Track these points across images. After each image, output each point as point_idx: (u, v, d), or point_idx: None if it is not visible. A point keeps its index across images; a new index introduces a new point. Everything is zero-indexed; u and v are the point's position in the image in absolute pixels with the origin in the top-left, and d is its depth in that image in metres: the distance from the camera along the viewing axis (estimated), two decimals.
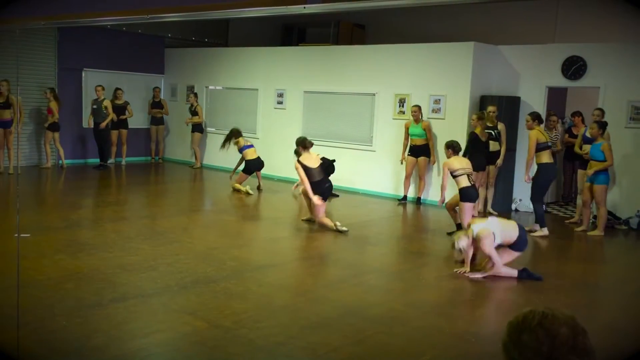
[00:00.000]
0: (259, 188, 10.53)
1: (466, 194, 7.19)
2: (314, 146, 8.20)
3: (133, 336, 4.25)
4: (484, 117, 8.97)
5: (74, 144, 12.81)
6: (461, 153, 7.85)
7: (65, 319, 4.40)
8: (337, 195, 10.00)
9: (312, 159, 7.88)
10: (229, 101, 13.13)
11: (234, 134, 10.56)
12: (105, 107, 12.15)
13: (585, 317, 4.75)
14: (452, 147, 7.43)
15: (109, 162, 12.58)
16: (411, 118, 9.90)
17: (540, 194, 8.12)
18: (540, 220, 8.02)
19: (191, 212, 9.12)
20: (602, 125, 8.18)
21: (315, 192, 7.65)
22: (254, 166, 10.48)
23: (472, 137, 8.91)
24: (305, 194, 7.91)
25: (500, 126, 9.20)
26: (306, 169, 7.75)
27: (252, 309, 4.82)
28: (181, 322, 4.52)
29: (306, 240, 7.46)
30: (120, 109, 12.66)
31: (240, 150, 10.54)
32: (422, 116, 9.85)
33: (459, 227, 7.21)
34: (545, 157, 7.97)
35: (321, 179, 7.81)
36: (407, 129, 9.96)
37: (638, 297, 6.06)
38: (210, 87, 13.47)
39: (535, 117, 8.09)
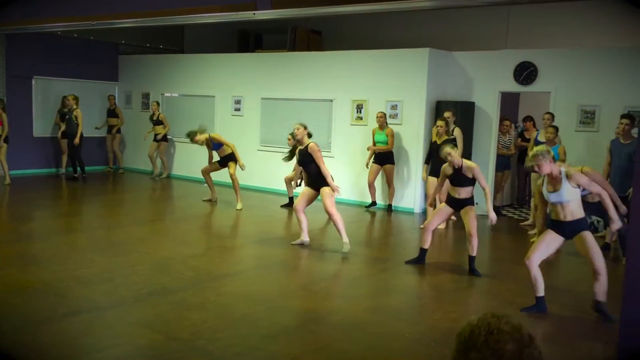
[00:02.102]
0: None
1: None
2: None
3: (87, 352, 4.13)
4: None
5: (24, 154, 12.39)
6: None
7: (13, 336, 4.24)
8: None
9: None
10: (185, 108, 12.96)
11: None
12: (76, 117, 11.73)
13: (538, 320, 4.85)
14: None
15: (61, 172, 12.22)
16: (376, 124, 9.90)
17: None
18: None
19: (149, 222, 8.95)
20: (557, 129, 8.37)
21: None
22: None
23: (434, 147, 8.84)
24: (297, 213, 7.45)
25: (457, 132, 9.04)
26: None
27: (210, 320, 4.75)
28: (137, 335, 4.41)
29: (265, 249, 7.40)
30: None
31: (217, 147, 10.03)
32: (387, 123, 9.85)
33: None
34: None
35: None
36: (373, 134, 9.93)
37: (590, 297, 6.21)
38: (166, 94, 13.28)
39: None
